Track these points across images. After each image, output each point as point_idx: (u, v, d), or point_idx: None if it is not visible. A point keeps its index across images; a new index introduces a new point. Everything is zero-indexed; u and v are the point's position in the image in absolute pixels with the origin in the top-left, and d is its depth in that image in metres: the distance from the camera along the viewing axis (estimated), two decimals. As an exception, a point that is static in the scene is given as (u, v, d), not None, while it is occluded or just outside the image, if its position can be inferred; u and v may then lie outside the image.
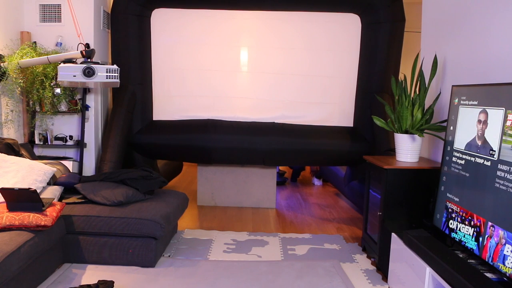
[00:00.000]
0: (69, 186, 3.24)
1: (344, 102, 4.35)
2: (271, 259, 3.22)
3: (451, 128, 2.45)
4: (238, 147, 4.23)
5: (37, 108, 4.07)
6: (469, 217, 2.16)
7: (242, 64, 4.35)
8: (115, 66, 3.28)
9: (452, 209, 2.34)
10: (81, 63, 3.30)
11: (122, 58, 4.21)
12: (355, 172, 4.55)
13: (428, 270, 2.19)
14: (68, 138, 4.17)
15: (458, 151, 2.35)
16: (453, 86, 2.51)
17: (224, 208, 4.71)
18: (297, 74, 4.33)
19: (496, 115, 2.02)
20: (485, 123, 2.11)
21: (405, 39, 4.23)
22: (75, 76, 3.22)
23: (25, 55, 3.63)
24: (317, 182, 6.19)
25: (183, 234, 3.71)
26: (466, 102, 2.32)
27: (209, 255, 3.27)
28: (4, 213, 2.47)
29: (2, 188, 2.52)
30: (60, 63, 3.35)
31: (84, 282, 2.66)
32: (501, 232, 1.89)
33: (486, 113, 2.11)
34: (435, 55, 3.05)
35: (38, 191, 2.88)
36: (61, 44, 4.07)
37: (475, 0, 2.73)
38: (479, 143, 2.14)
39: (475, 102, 2.23)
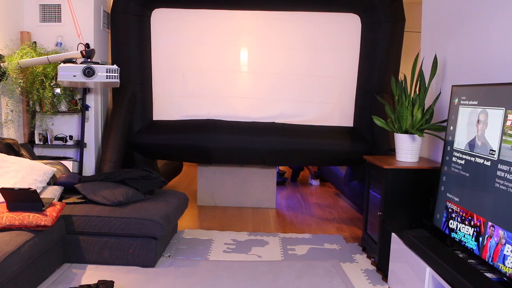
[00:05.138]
0: (69, 186, 3.24)
1: (344, 102, 4.35)
2: (271, 259, 3.22)
3: (451, 128, 2.45)
4: (238, 147, 4.23)
5: (37, 108, 4.07)
6: (469, 217, 2.16)
7: (242, 64, 4.35)
8: (115, 66, 3.28)
9: (452, 209, 2.34)
10: (81, 63, 3.30)
11: (122, 58, 4.21)
12: (355, 172, 4.55)
13: (428, 270, 2.19)
14: (68, 138, 4.17)
15: (458, 151, 2.35)
16: (453, 86, 2.51)
17: (224, 208, 4.71)
18: (297, 74, 4.32)
19: (496, 115, 2.02)
20: (484, 123, 2.11)
21: (405, 39, 4.23)
22: (75, 76, 3.22)
23: (25, 55, 3.63)
24: (314, 182, 6.19)
25: (183, 234, 3.71)
26: (466, 102, 2.32)
27: (209, 255, 3.27)
28: (4, 213, 2.47)
29: (2, 188, 2.52)
30: (60, 63, 3.35)
31: (84, 282, 2.66)
32: (501, 232, 1.89)
33: (486, 113, 2.11)
34: (435, 55, 3.05)
35: (38, 191, 2.87)
36: (61, 44, 4.07)
37: (475, 0, 2.73)
38: (479, 143, 2.14)
39: (475, 102, 2.23)
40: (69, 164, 3.79)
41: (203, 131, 4.23)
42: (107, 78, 3.24)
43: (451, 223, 2.33)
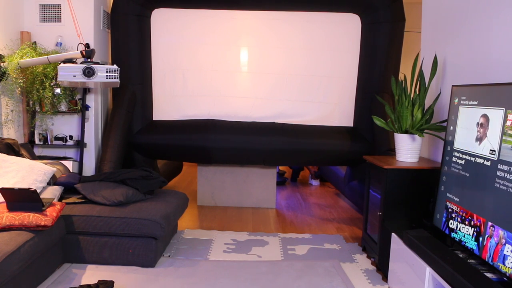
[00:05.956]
0: (69, 186, 3.24)
1: (344, 102, 4.35)
2: (271, 259, 3.22)
3: (451, 128, 2.45)
4: (238, 147, 4.22)
5: (37, 108, 4.07)
6: (469, 217, 2.16)
7: (242, 64, 4.35)
8: (115, 66, 3.28)
9: (452, 209, 2.34)
10: (81, 63, 3.30)
11: (122, 58, 4.21)
12: (355, 172, 4.55)
13: (428, 270, 2.19)
14: (68, 138, 4.17)
15: (458, 151, 2.35)
16: (453, 86, 2.51)
17: (224, 208, 4.71)
18: (297, 74, 4.32)
19: (496, 115, 2.02)
20: (484, 123, 2.11)
21: (405, 39, 4.23)
22: (75, 76, 3.22)
23: (25, 55, 3.63)
24: (314, 182, 6.19)
25: (183, 234, 3.72)
26: (466, 102, 2.32)
27: (209, 255, 3.27)
28: (4, 213, 2.47)
29: (2, 188, 2.52)
30: (60, 63, 3.35)
31: (84, 282, 2.66)
32: (501, 232, 1.89)
33: (486, 113, 2.11)
34: (435, 55, 3.05)
35: (38, 191, 2.87)
36: (61, 44, 4.07)
37: (475, 0, 2.73)
38: (479, 143, 2.14)
39: (475, 102, 2.23)
40: (69, 164, 3.80)
41: (203, 131, 4.23)
42: (107, 78, 3.24)
43: (451, 223, 2.33)
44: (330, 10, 4.22)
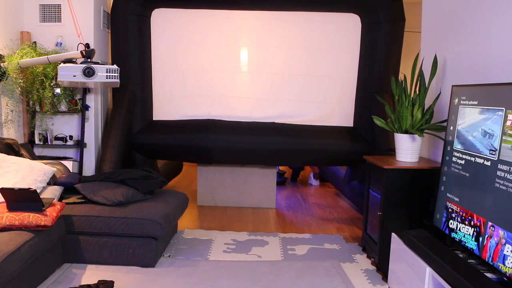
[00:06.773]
0: (69, 186, 3.24)
1: (344, 102, 4.35)
2: (271, 259, 3.22)
3: (451, 128, 2.45)
4: (238, 147, 4.22)
5: (37, 108, 4.07)
6: (469, 217, 2.16)
7: (242, 64, 4.35)
8: (115, 66, 3.28)
9: (452, 209, 2.34)
10: (81, 63, 3.30)
11: (122, 58, 4.22)
12: (355, 172, 4.55)
13: (428, 270, 2.19)
14: (68, 138, 4.17)
15: (458, 151, 2.35)
16: (453, 86, 2.51)
17: (224, 208, 4.71)
18: (297, 74, 4.33)
19: (496, 115, 2.02)
20: (484, 123, 2.11)
21: (405, 39, 4.24)
22: (75, 76, 3.22)
23: (25, 55, 3.63)
24: (314, 182, 6.19)
25: (183, 234, 3.72)
26: (466, 102, 2.32)
27: (209, 255, 3.27)
28: (4, 213, 2.47)
29: (2, 188, 2.52)
30: (60, 63, 3.35)
31: (84, 282, 2.66)
32: (501, 232, 1.89)
33: (486, 113, 2.11)
34: (435, 55, 3.05)
35: (38, 191, 2.87)
36: (61, 44, 4.07)
37: (475, 0, 2.73)
38: (479, 143, 2.14)
39: (475, 102, 2.23)
40: (69, 164, 3.80)
41: (203, 131, 4.23)
42: (107, 78, 3.24)
43: (451, 223, 2.33)
44: (330, 10, 4.22)
